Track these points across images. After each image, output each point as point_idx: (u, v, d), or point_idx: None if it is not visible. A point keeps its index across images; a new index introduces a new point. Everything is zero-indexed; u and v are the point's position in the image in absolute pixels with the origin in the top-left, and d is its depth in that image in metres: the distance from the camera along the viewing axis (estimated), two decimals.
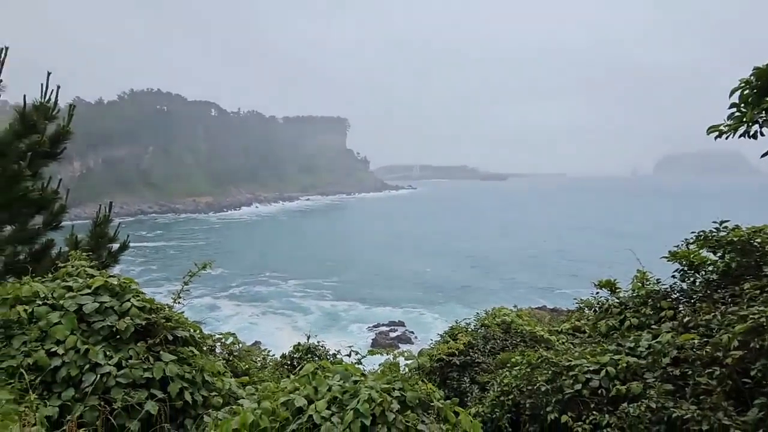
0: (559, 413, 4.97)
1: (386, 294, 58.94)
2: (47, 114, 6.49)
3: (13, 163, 6.00)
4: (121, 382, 3.96)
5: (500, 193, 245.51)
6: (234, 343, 7.09)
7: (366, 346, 38.44)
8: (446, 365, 7.32)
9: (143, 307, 4.54)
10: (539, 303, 45.68)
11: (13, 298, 4.29)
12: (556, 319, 10.56)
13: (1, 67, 5.93)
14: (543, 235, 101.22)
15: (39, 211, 6.79)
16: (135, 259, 71.29)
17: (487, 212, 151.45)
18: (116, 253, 7.76)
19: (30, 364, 3.81)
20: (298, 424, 3.49)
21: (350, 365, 4.36)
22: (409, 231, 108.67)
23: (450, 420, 3.91)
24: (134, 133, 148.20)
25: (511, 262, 76.82)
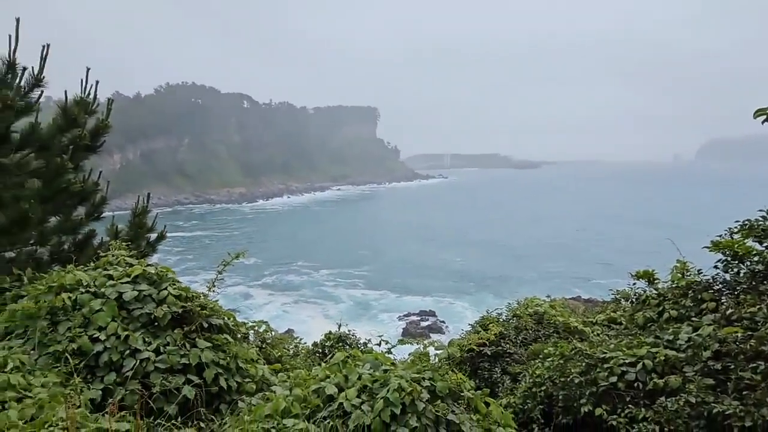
0: (593, 406, 4.87)
1: (417, 283, 58.96)
2: (87, 108, 6.71)
3: (56, 156, 6.24)
4: (159, 368, 4.10)
5: (532, 182, 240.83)
6: (267, 331, 7.24)
7: (396, 335, 38.65)
8: (477, 355, 7.28)
9: (179, 295, 4.68)
10: (573, 293, 44.81)
11: (58, 285, 4.48)
12: (590, 310, 10.32)
13: (44, 64, 6.15)
14: (577, 225, 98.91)
15: (81, 203, 7.05)
16: (172, 249, 73.40)
17: (519, 201, 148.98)
18: (154, 243, 8.00)
19: (74, 349, 3.98)
20: (329, 412, 3.54)
21: (380, 354, 4.39)
22: (439, 220, 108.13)
23: (480, 410, 3.89)
24: (170, 126, 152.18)
25: (543, 251, 75.52)
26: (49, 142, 6.36)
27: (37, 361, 3.89)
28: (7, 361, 3.53)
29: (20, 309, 4.28)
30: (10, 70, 5.97)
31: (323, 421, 3.45)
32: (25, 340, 4.08)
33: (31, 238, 6.47)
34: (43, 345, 4.04)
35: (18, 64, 6.00)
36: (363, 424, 3.39)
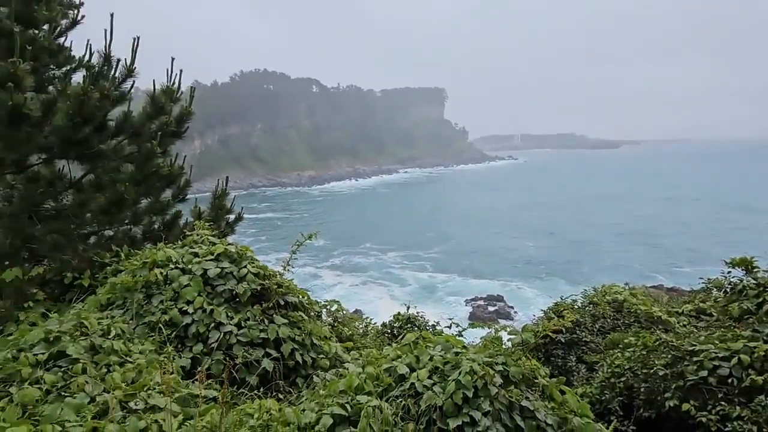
0: (679, 400, 4.59)
1: (484, 267, 58.03)
2: (173, 96, 7.12)
3: (146, 142, 6.71)
4: (241, 341, 4.35)
5: (610, 163, 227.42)
6: (338, 310, 7.45)
7: (463, 319, 38.42)
8: (550, 343, 7.07)
9: (258, 273, 4.91)
10: (655, 281, 42.15)
11: (151, 262, 4.85)
12: (675, 300, 9.65)
13: (135, 56, 6.58)
14: (658, 209, 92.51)
15: (168, 186, 7.55)
16: (246, 230, 76.97)
17: (593, 183, 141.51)
18: (233, 224, 8.43)
19: (166, 320, 4.31)
20: (400, 391, 3.58)
21: (451, 337, 4.36)
22: (509, 203, 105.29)
23: (556, 398, 3.78)
24: (244, 112, 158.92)
25: (620, 236, 71.44)
26: (140, 129, 6.83)
27: (135, 330, 4.25)
28: (110, 329, 3.89)
29: (119, 282, 4.69)
30: (106, 63, 6.45)
31: (395, 399, 3.50)
32: (124, 311, 4.47)
33: (126, 218, 7.03)
34: (139, 315, 4.41)
35: (112, 57, 6.46)
36: (435, 405, 3.40)
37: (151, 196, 7.33)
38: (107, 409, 2.85)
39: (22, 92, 5.24)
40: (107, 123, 6.51)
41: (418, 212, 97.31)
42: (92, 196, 6.42)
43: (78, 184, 6.76)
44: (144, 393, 3.09)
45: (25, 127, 5.47)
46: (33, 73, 5.45)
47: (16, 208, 6.13)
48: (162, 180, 7.24)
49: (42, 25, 6.80)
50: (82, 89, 5.60)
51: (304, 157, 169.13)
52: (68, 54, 7.34)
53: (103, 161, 6.62)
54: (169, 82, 7.09)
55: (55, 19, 7.11)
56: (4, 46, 5.57)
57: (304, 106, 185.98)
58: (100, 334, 3.75)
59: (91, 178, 6.76)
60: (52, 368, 3.31)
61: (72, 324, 3.73)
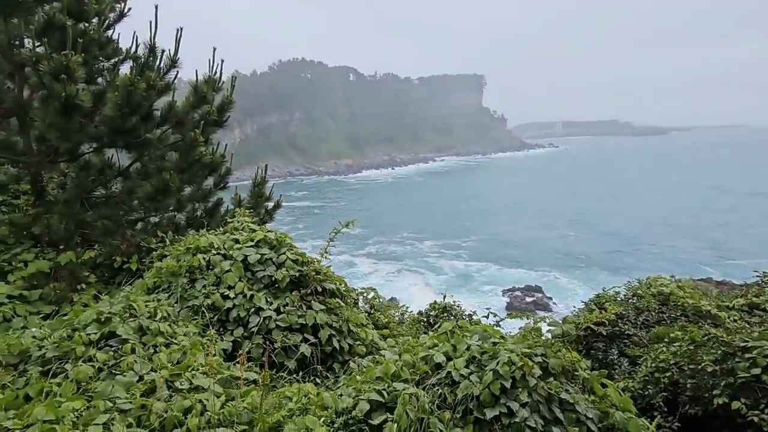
0: (728, 398, 4.39)
1: (522, 256, 57.10)
2: (214, 86, 7.28)
3: (190, 131, 6.89)
4: (280, 326, 4.44)
5: (656, 151, 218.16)
6: (375, 298, 7.49)
7: (500, 309, 38.01)
8: (591, 335, 6.89)
9: (296, 259, 4.99)
10: (704, 273, 40.39)
11: (194, 247, 5.01)
12: (725, 294, 9.20)
13: (178, 46, 6.75)
14: (707, 199, 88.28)
15: (210, 174, 7.75)
16: (284, 218, 78.30)
17: (638, 171, 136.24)
18: (271, 211, 8.59)
19: (209, 304, 4.45)
20: (437, 379, 3.57)
21: (489, 326, 4.31)
22: (547, 192, 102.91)
23: (597, 392, 3.69)
24: (283, 101, 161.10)
25: (667, 226, 68.67)
26: (184, 118, 7.03)
27: (179, 312, 4.41)
28: (156, 312, 4.05)
29: (165, 267, 4.87)
30: (151, 54, 6.64)
31: (432, 387, 3.50)
32: (170, 294, 4.65)
33: (171, 205, 7.27)
34: (183, 299, 4.57)
35: (157, 48, 6.65)
36: (471, 395, 3.38)
37: (194, 183, 7.54)
38: (154, 387, 2.98)
39: (75, 84, 5.47)
40: (153, 112, 6.73)
41: (454, 201, 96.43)
42: (139, 184, 6.67)
43: (126, 172, 7.04)
44: (188, 373, 3.20)
45: (77, 117, 5.71)
46: (84, 65, 5.67)
47: (69, 195, 6.44)
48: (204, 168, 7.43)
49: (92, 18, 7.05)
50: (129, 80, 5.79)
51: (341, 145, 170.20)
52: (116, 46, 7.60)
53: (149, 150, 6.86)
54: (210, 71, 7.25)
55: (104, 12, 7.36)
56: (57, 39, 5.81)
57: (341, 94, 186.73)
58: (148, 316, 3.91)
59: (138, 167, 7.03)
60: (104, 347, 3.48)
61: (121, 306, 3.91)
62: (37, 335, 3.64)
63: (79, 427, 2.53)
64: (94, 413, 2.63)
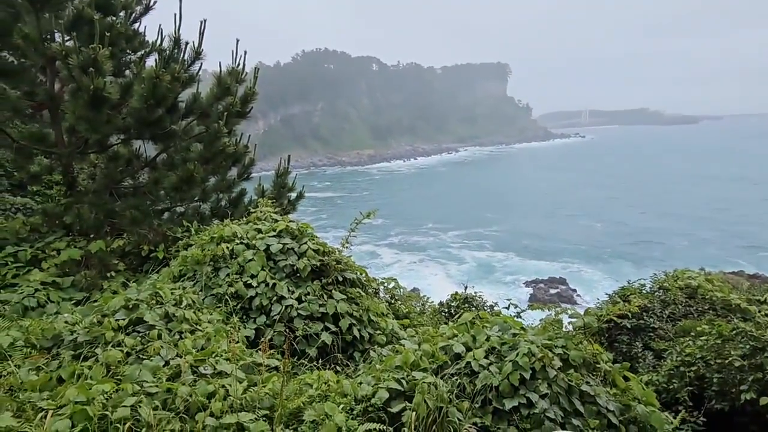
0: (757, 394, 4.28)
1: (546, 247, 56.32)
2: (238, 78, 7.36)
3: (214, 122, 7.00)
4: (301, 314, 4.51)
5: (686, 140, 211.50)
6: (395, 288, 7.53)
7: (523, 301, 37.68)
8: (615, 327, 6.79)
9: (318, 249, 5.05)
10: (736, 266, 39.19)
11: (218, 237, 5.11)
12: (757, 287, 8.94)
13: (202, 39, 6.84)
14: (737, 190, 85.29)
15: (234, 164, 7.88)
16: (307, 208, 78.81)
17: (666, 161, 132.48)
18: (294, 201, 8.68)
19: (232, 292, 4.54)
20: (456, 369, 3.59)
21: (509, 318, 4.30)
22: (572, 182, 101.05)
23: (619, 385, 3.65)
24: (306, 92, 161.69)
25: (696, 218, 66.72)
26: (208, 110, 7.13)
27: (204, 300, 4.52)
28: (182, 299, 4.16)
29: (190, 256, 4.99)
30: (176, 46, 6.74)
31: (451, 377, 3.51)
32: (195, 282, 4.76)
33: (196, 195, 7.43)
34: (207, 287, 4.68)
35: (182, 40, 6.75)
36: (491, 385, 3.38)
37: (218, 174, 7.67)
38: (180, 372, 3.07)
39: (102, 76, 5.60)
40: (178, 104, 6.85)
41: (477, 191, 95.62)
42: (165, 174, 6.82)
43: (152, 163, 7.21)
44: (212, 359, 3.29)
45: (105, 109, 5.86)
46: (111, 58, 5.80)
47: (99, 185, 6.64)
48: (228, 159, 7.55)
49: (119, 12, 7.20)
50: (154, 72, 5.90)
51: (364, 136, 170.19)
52: (142, 39, 7.75)
53: (175, 141, 6.99)
54: (234, 63, 7.32)
55: (131, 6, 7.51)
56: (85, 32, 5.95)
57: (364, 84, 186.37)
58: (173, 303, 4.02)
59: (164, 157, 7.18)
60: (132, 333, 3.60)
61: (148, 293, 4.03)
62: (69, 320, 3.78)
63: (108, 409, 2.64)
64: (122, 396, 2.73)
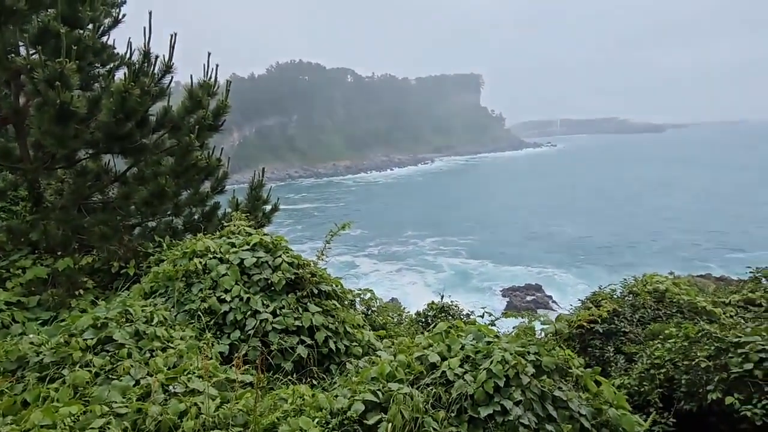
0: (722, 393, 4.42)
1: (522, 254, 57.08)
2: (210, 90, 7.30)
3: (185, 135, 6.92)
4: (276, 328, 4.47)
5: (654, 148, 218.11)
6: (372, 299, 7.53)
7: (500, 308, 38.03)
8: (587, 332, 6.93)
9: (292, 262, 5.02)
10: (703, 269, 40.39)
11: (191, 252, 5.04)
12: (722, 290, 9.25)
13: (172, 52, 6.78)
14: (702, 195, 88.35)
15: (207, 178, 7.79)
16: (283, 220, 78.21)
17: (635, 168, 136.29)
18: (269, 214, 8.62)
19: (205, 308, 4.48)
20: (431, 379, 3.61)
21: (483, 326, 4.34)
22: (545, 190, 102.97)
23: (590, 389, 3.72)
24: (281, 104, 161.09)
25: (666, 224, 68.69)
26: (179, 123, 7.06)
27: (176, 317, 4.44)
28: (153, 316, 4.08)
29: (162, 271, 4.90)
30: (146, 59, 6.67)
31: (426, 387, 3.53)
32: (166, 299, 4.68)
33: (168, 210, 7.31)
34: (180, 303, 4.60)
35: (152, 54, 6.68)
36: (466, 394, 3.41)
37: (191, 188, 7.57)
38: (150, 391, 3.01)
39: (69, 90, 5.50)
40: (148, 118, 6.76)
41: (454, 201, 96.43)
42: (136, 189, 6.70)
43: (122, 178, 7.08)
44: (184, 377, 3.23)
45: (72, 123, 5.74)
46: (79, 72, 5.70)
47: (66, 201, 6.48)
48: (201, 172, 7.47)
49: (86, 25, 7.08)
50: (123, 86, 5.82)
51: (340, 147, 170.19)
52: (111, 52, 7.64)
53: (145, 155, 6.89)
54: (205, 76, 7.28)
55: (99, 19, 7.39)
56: (52, 46, 5.84)
57: (339, 96, 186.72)
58: (144, 320, 3.94)
59: (135, 172, 7.06)
60: (101, 352, 3.51)
61: (118, 311, 3.94)
62: (34, 341, 3.67)
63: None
64: (90, 418, 2.67)
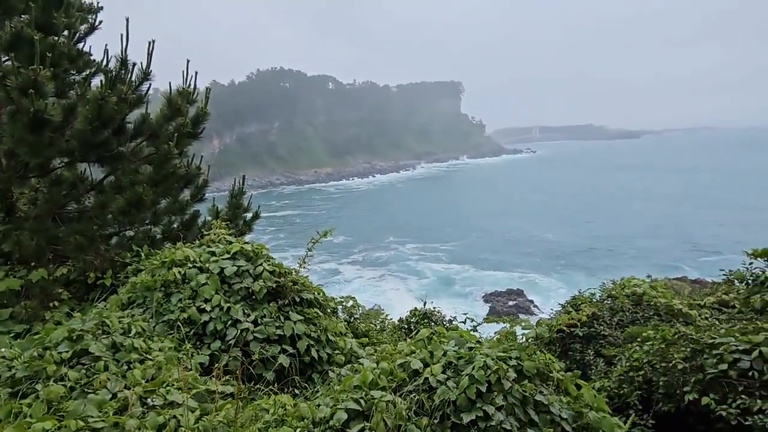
0: (699, 394, 4.52)
1: (502, 259, 57.72)
2: (189, 98, 7.23)
3: (164, 143, 6.83)
4: (257, 337, 4.42)
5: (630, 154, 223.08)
6: (354, 306, 7.50)
7: (482, 313, 38.26)
8: (568, 336, 7.02)
9: (273, 270, 4.98)
10: (679, 272, 41.32)
11: (170, 261, 4.96)
12: (698, 292, 9.47)
13: (150, 59, 6.71)
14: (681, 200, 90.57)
15: (186, 186, 7.68)
16: (265, 228, 77.67)
17: (613, 174, 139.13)
18: (250, 222, 8.54)
19: (185, 318, 4.41)
20: (414, 386, 3.61)
21: (465, 332, 4.37)
22: (526, 196, 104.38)
23: (571, 392, 3.76)
24: (262, 111, 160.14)
25: (643, 228, 70.14)
26: (158, 131, 6.97)
27: (155, 328, 4.36)
28: (131, 328, 4.00)
29: (140, 282, 4.81)
30: (123, 67, 6.58)
31: (409, 394, 3.52)
32: (145, 309, 4.59)
33: (146, 218, 7.19)
34: (159, 314, 4.52)
35: (129, 61, 6.60)
36: (448, 400, 3.42)
37: (170, 196, 7.47)
38: (128, 405, 2.95)
39: (44, 98, 5.39)
40: (125, 126, 6.66)
41: (435, 207, 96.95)
42: (113, 198, 6.57)
43: (99, 186, 6.94)
44: (163, 389, 3.18)
45: (47, 132, 5.62)
46: (53, 79, 5.60)
47: (40, 211, 6.33)
48: (180, 180, 7.37)
49: (61, 32, 6.97)
50: (99, 93, 5.73)
51: (322, 154, 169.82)
52: (87, 59, 7.51)
53: (123, 163, 6.77)
54: (184, 84, 7.20)
55: (74, 25, 7.28)
56: (25, 53, 5.72)
57: (320, 103, 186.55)
58: (121, 332, 3.86)
59: (112, 180, 6.93)
60: (76, 366, 3.43)
61: (94, 323, 3.85)
62: (6, 355, 3.56)
63: None
64: None
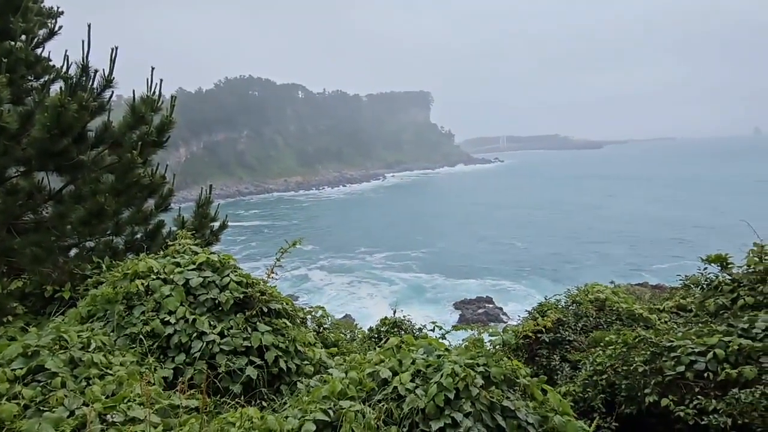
0: (658, 396, 4.67)
1: (471, 267, 58.37)
2: (153, 106, 7.07)
3: (127, 152, 6.65)
4: (224, 349, 4.34)
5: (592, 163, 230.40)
6: (323, 316, 7.45)
7: (452, 321, 38.55)
8: (534, 342, 7.15)
9: (240, 281, 4.91)
10: (641, 278, 42.68)
11: (132, 273, 4.82)
12: (657, 297, 9.82)
13: (113, 66, 6.56)
14: (642, 208, 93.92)
15: (150, 195, 7.49)
16: (236, 238, 76.44)
17: (577, 182, 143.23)
18: (217, 232, 8.39)
19: (148, 331, 4.29)
20: (383, 395, 3.61)
21: (434, 340, 4.40)
22: (494, 204, 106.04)
23: (537, 397, 3.83)
24: (230, 119, 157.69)
25: (606, 235, 72.30)
26: (121, 139, 6.79)
27: (116, 341, 4.22)
28: (90, 342, 3.86)
29: (100, 294, 4.66)
30: (84, 73, 6.41)
31: (378, 403, 3.52)
32: (105, 323, 4.44)
33: (107, 229, 6.97)
34: (120, 327, 4.38)
35: (90, 67, 6.43)
36: (417, 408, 3.44)
37: (133, 206, 7.27)
38: (86, 422, 2.84)
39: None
40: (86, 134, 6.47)
41: (407, 215, 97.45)
42: (72, 208, 6.35)
43: (58, 196, 6.70)
44: (124, 405, 3.08)
45: (1, 139, 5.42)
46: (10, 85, 5.41)
47: None
48: (144, 190, 7.19)
49: (19, 37, 6.74)
50: (59, 100, 5.55)
51: (291, 163, 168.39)
52: (46, 65, 7.29)
53: (83, 172, 6.56)
54: (149, 91, 7.06)
55: (33, 30, 7.06)
56: None
57: (290, 111, 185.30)
58: (80, 347, 3.72)
59: (71, 190, 6.70)
60: (31, 383, 3.28)
61: (51, 338, 3.70)
62: None
63: None
64: None
